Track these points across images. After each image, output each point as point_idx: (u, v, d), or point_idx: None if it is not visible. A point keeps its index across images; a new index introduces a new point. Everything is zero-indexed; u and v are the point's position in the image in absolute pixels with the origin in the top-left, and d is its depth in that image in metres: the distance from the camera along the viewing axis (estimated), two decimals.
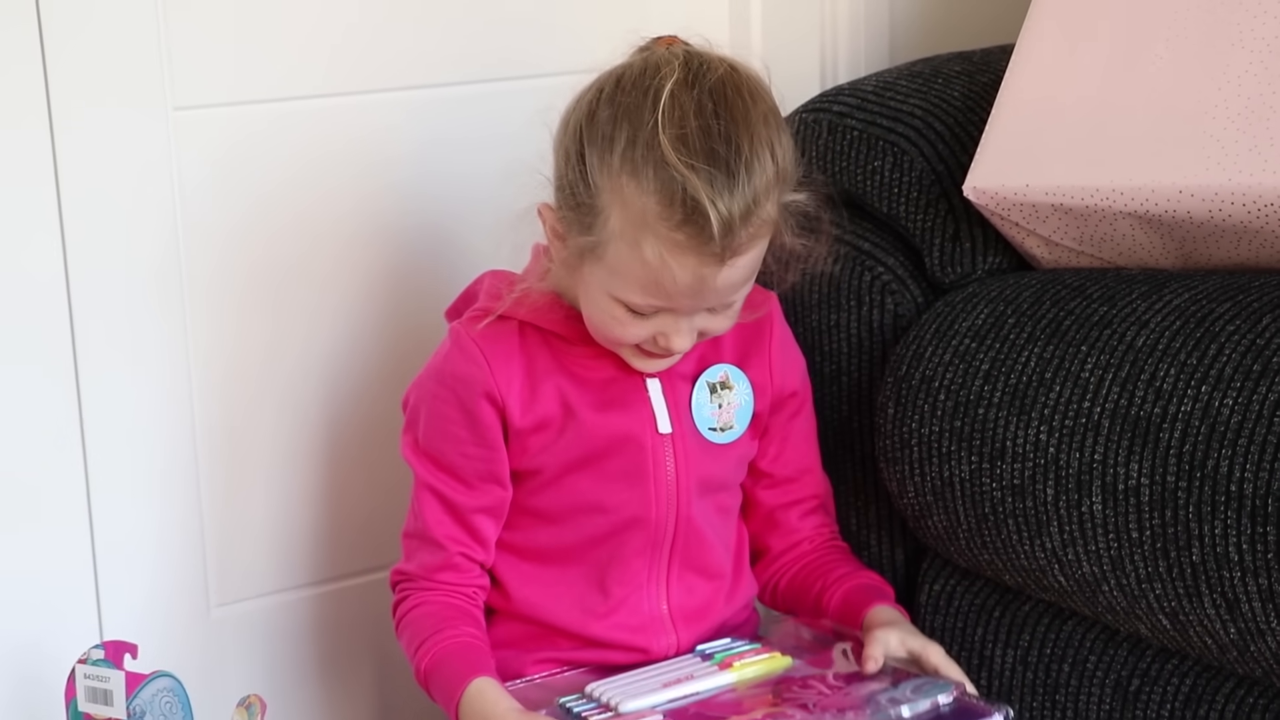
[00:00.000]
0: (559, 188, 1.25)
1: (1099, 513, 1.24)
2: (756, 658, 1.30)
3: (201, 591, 1.59)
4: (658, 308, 1.23)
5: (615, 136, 1.20)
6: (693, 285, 1.20)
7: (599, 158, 1.21)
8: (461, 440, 1.31)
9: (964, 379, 1.34)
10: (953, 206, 1.45)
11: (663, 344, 1.26)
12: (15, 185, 1.44)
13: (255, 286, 1.57)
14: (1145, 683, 1.30)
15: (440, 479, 1.32)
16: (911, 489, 1.37)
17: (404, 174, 1.63)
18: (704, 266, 1.19)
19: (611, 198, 1.20)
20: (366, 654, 1.69)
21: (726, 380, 1.35)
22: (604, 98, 1.22)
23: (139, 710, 1.34)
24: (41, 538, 1.50)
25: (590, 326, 1.29)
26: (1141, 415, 1.22)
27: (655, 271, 1.20)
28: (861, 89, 1.55)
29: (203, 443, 1.56)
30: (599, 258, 1.22)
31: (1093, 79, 1.38)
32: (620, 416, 1.31)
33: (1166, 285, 1.31)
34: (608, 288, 1.23)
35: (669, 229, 1.18)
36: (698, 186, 1.16)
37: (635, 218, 1.19)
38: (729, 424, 1.35)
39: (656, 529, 1.33)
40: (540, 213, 1.28)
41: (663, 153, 1.17)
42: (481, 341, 1.30)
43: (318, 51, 1.56)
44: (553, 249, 1.29)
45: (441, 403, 1.31)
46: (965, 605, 1.41)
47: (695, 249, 1.18)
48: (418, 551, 1.34)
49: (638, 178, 1.18)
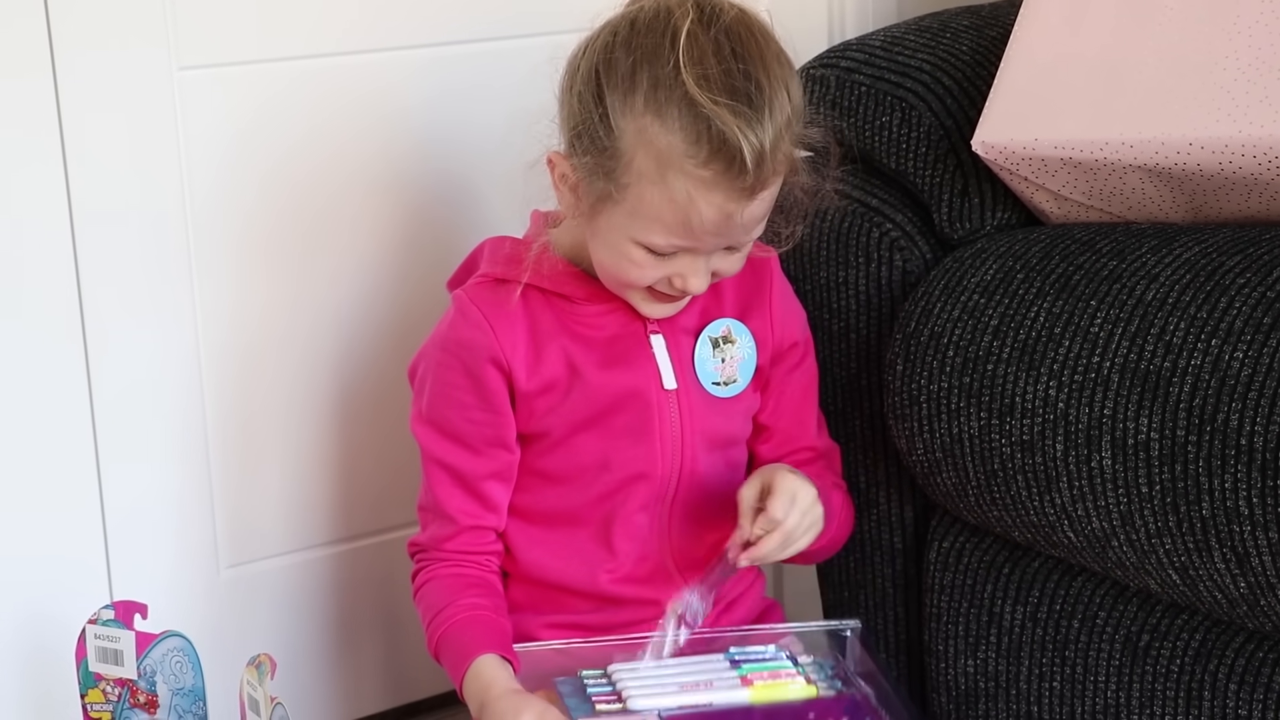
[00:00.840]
0: (574, 134, 1.25)
1: (1108, 468, 1.23)
2: (778, 680, 1.27)
3: (211, 552, 1.59)
4: (679, 248, 1.24)
5: (636, 78, 1.20)
6: (718, 222, 1.21)
7: (620, 100, 1.21)
8: (467, 406, 1.31)
9: (973, 335, 1.33)
10: (961, 162, 1.45)
11: (679, 285, 1.26)
12: (20, 148, 1.43)
13: (264, 247, 1.57)
14: (1155, 638, 1.30)
15: (447, 449, 1.32)
16: (920, 446, 1.37)
17: (412, 134, 1.62)
18: (730, 202, 1.20)
19: (635, 139, 1.21)
20: (376, 614, 1.69)
21: (729, 334, 1.35)
22: (619, 41, 1.22)
23: (149, 670, 1.34)
24: (51, 499, 1.50)
25: (603, 272, 1.29)
26: (1151, 369, 1.22)
27: (682, 210, 1.20)
28: (869, 44, 1.54)
29: (211, 403, 1.56)
30: (619, 201, 1.23)
31: (1102, 32, 1.37)
32: (625, 374, 1.31)
33: (1176, 239, 1.30)
34: (629, 231, 1.24)
35: (695, 166, 1.19)
36: (727, 121, 1.17)
37: (661, 158, 1.20)
38: (732, 378, 1.35)
39: (661, 484, 1.33)
40: (550, 161, 1.27)
41: (687, 91, 1.18)
42: (484, 306, 1.30)
43: (323, 11, 1.56)
44: (562, 200, 1.29)
45: (446, 369, 1.32)
46: (974, 562, 1.41)
47: (723, 185, 1.19)
48: (430, 524, 1.35)
49: (663, 117, 1.19)
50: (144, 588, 1.50)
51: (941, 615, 1.44)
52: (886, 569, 1.50)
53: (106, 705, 1.36)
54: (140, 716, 1.36)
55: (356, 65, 1.58)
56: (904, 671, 1.51)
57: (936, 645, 1.44)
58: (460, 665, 1.26)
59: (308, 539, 1.65)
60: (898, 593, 1.50)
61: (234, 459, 1.59)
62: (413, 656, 1.71)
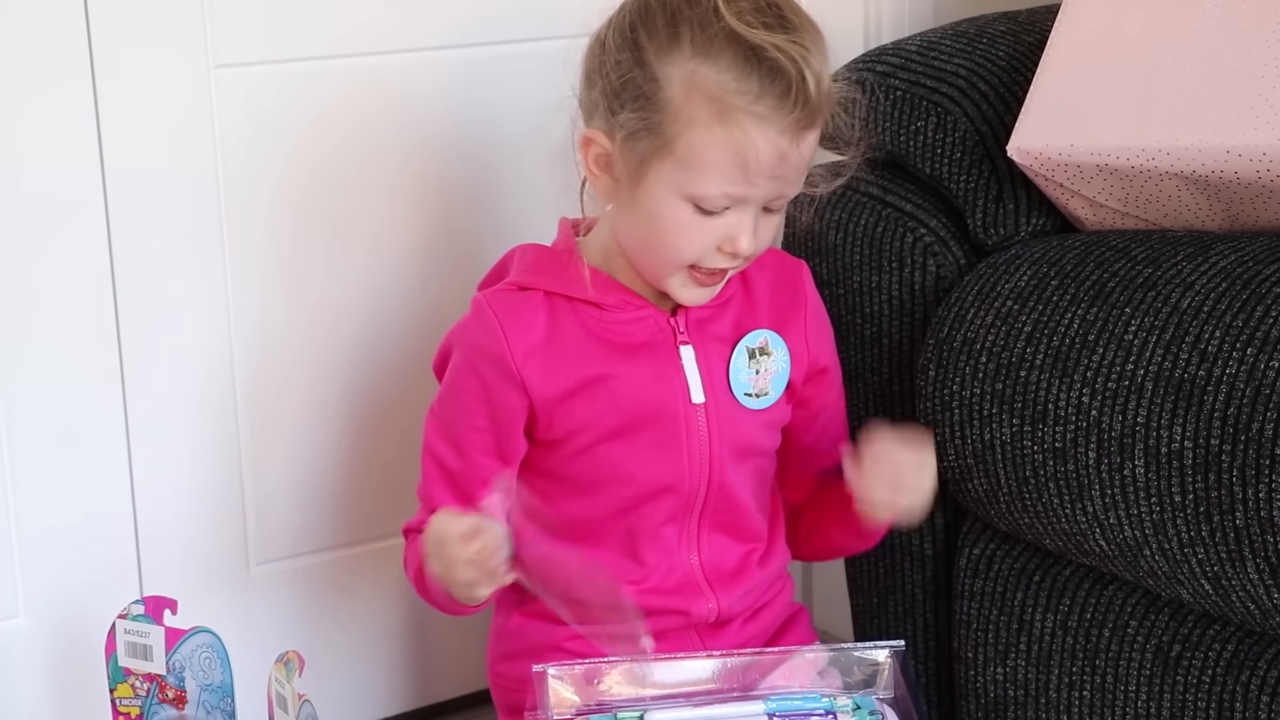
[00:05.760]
0: (613, 97, 1.24)
1: (1141, 476, 1.23)
2: None
3: (241, 549, 1.59)
4: (732, 198, 1.23)
5: (678, 24, 1.22)
6: (773, 161, 1.22)
7: (664, 48, 1.22)
8: (473, 412, 1.30)
9: (1006, 341, 1.33)
10: (996, 167, 1.44)
11: (729, 249, 1.26)
12: (58, 145, 1.44)
13: (296, 246, 1.57)
14: (1186, 648, 1.29)
15: (445, 450, 1.32)
16: (952, 452, 1.36)
17: (444, 134, 1.62)
18: (784, 138, 1.21)
19: (684, 85, 1.21)
20: (405, 614, 1.70)
21: (766, 346, 1.34)
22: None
23: (178, 665, 1.35)
24: (84, 494, 1.50)
25: (644, 254, 1.28)
26: (1186, 377, 1.21)
27: (738, 150, 1.21)
28: (905, 49, 1.54)
29: (243, 401, 1.57)
30: (670, 154, 1.23)
31: (1139, 38, 1.36)
32: (653, 388, 1.30)
33: (1212, 247, 1.29)
34: (679, 186, 1.23)
35: (748, 102, 1.20)
36: (783, 47, 1.20)
37: (713, 98, 1.21)
38: (765, 390, 1.34)
39: (688, 496, 1.32)
40: (586, 140, 1.27)
41: (733, 28, 1.20)
42: (501, 311, 1.29)
43: (357, 10, 1.56)
44: (597, 185, 1.28)
45: (460, 372, 1.31)
46: (1005, 569, 1.40)
47: (776, 120, 1.20)
48: (421, 512, 1.35)
49: (711, 57, 1.21)
50: (174, 583, 1.51)
51: (971, 622, 1.43)
52: (916, 575, 1.50)
53: (135, 700, 1.37)
54: (169, 712, 1.36)
55: (390, 64, 1.58)
56: (933, 678, 1.51)
57: (966, 652, 1.44)
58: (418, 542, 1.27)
59: (338, 537, 1.65)
60: (927, 599, 1.50)
61: (265, 457, 1.59)
62: (440, 657, 1.71)
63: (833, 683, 1.29)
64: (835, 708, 1.25)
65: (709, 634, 1.35)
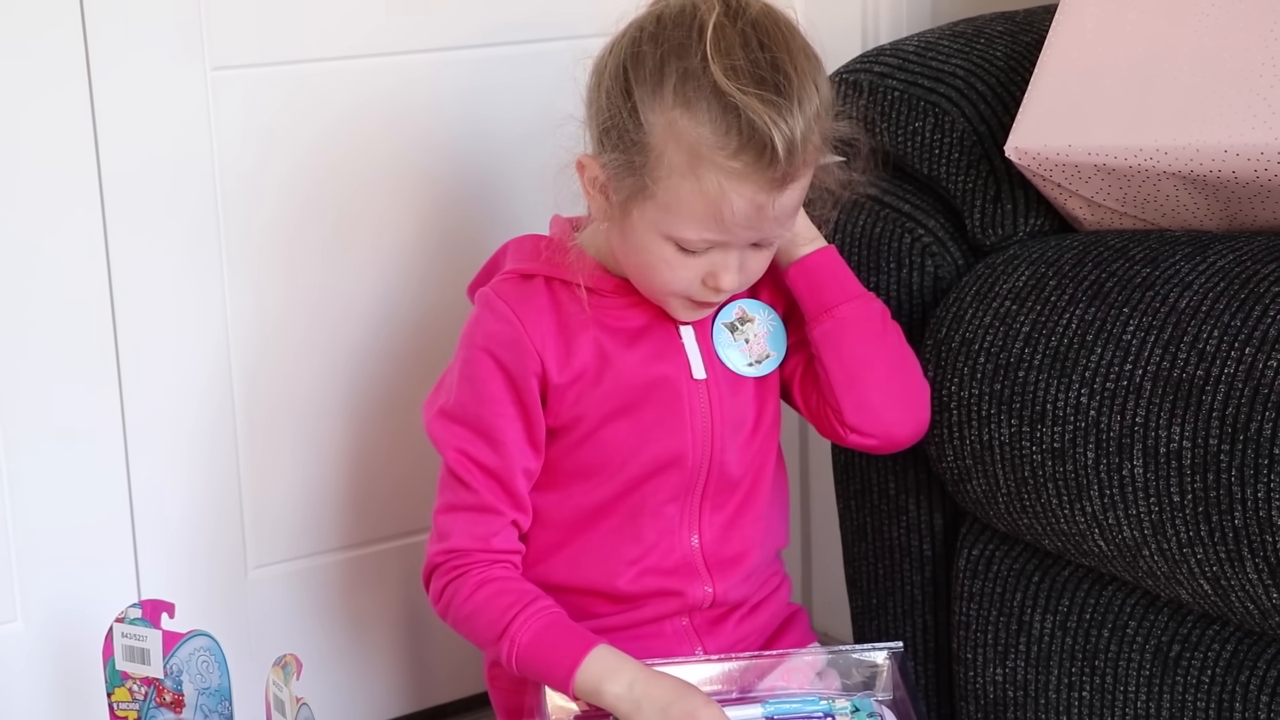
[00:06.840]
0: (604, 132, 1.25)
1: (1140, 476, 1.22)
2: None
3: (239, 553, 1.59)
4: (711, 243, 1.23)
5: (665, 72, 1.21)
6: (749, 214, 1.21)
7: (650, 94, 1.21)
8: (499, 400, 1.30)
9: (1004, 342, 1.33)
10: (994, 168, 1.44)
11: (712, 284, 1.26)
12: (55, 149, 1.44)
13: (296, 248, 1.58)
14: (1186, 648, 1.29)
15: (479, 449, 1.30)
16: (951, 453, 1.36)
17: (440, 137, 1.62)
18: (761, 194, 1.20)
19: (665, 133, 1.21)
20: (403, 617, 1.70)
21: (744, 314, 1.34)
22: (646, 36, 1.23)
23: (176, 669, 1.35)
24: (81, 498, 1.50)
25: (636, 276, 1.29)
26: (1184, 377, 1.21)
27: (714, 202, 1.20)
28: (903, 49, 1.54)
29: (241, 404, 1.57)
30: (651, 197, 1.23)
31: (1137, 37, 1.36)
32: (656, 364, 1.31)
33: (1210, 246, 1.29)
34: (661, 227, 1.24)
35: (726, 158, 1.19)
36: (757, 110, 1.18)
37: (691, 150, 1.20)
38: (764, 354, 1.34)
39: (691, 474, 1.33)
40: (580, 165, 1.27)
41: (715, 82, 1.19)
42: (511, 300, 1.30)
43: (353, 12, 1.56)
44: (593, 204, 1.29)
45: (476, 366, 1.31)
46: (1004, 570, 1.40)
47: (753, 176, 1.19)
48: (465, 525, 1.31)
49: (692, 110, 1.20)
50: (171, 587, 1.51)
51: (970, 623, 1.43)
52: (915, 576, 1.50)
53: (133, 704, 1.36)
54: (166, 715, 1.36)
55: (386, 66, 1.58)
56: (932, 680, 1.50)
57: (965, 653, 1.44)
58: (573, 656, 1.24)
59: (335, 541, 1.65)
60: (926, 600, 1.50)
61: (262, 460, 1.59)
62: (438, 660, 1.71)
63: (831, 684, 1.29)
64: (834, 710, 1.25)
65: (705, 628, 1.35)
